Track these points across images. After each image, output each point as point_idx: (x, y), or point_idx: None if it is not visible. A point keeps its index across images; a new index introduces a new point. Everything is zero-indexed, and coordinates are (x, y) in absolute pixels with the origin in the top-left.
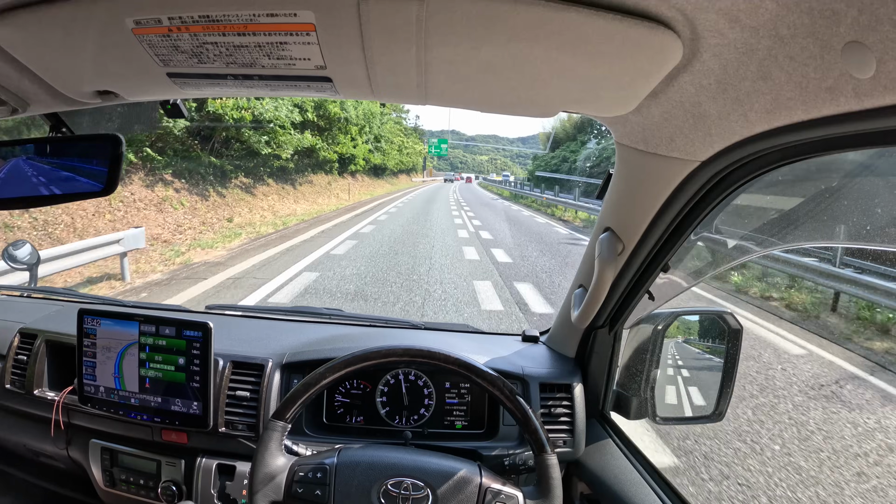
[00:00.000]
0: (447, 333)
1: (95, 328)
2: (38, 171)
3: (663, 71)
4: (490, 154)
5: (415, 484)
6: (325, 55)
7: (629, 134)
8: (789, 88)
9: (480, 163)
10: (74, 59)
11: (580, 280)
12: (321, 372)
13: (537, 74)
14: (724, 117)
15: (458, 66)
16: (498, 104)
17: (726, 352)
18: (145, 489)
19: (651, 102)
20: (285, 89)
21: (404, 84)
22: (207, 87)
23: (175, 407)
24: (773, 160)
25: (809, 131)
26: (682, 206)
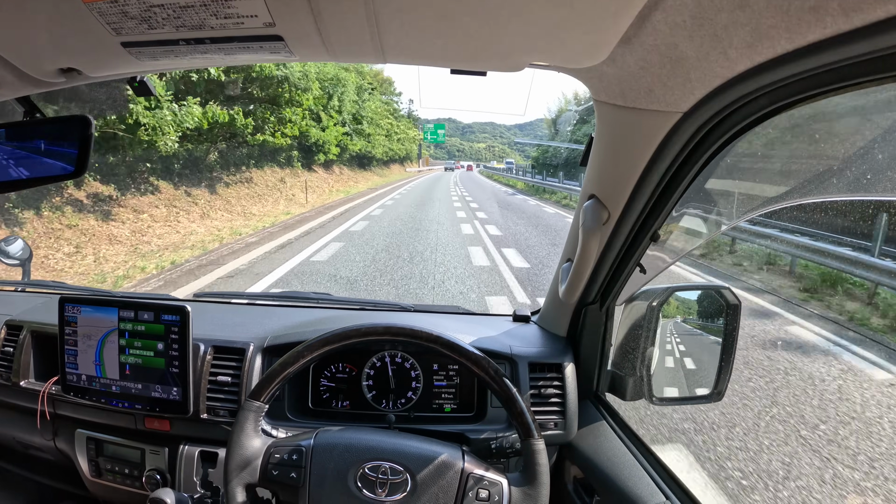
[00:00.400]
0: (436, 315)
1: (76, 316)
2: (8, 155)
3: (633, 9)
4: (487, 142)
5: (393, 468)
6: (271, 10)
7: (605, 88)
8: (770, 14)
9: (478, 150)
10: (33, 36)
11: (567, 254)
12: (300, 350)
13: (497, 20)
14: (703, 58)
15: (410, 14)
16: (460, 58)
17: (725, 328)
18: (130, 478)
19: (624, 49)
20: (239, 52)
21: (358, 39)
22: (163, 57)
23: (155, 393)
24: (760, 107)
25: (795, 63)
26: (667, 164)
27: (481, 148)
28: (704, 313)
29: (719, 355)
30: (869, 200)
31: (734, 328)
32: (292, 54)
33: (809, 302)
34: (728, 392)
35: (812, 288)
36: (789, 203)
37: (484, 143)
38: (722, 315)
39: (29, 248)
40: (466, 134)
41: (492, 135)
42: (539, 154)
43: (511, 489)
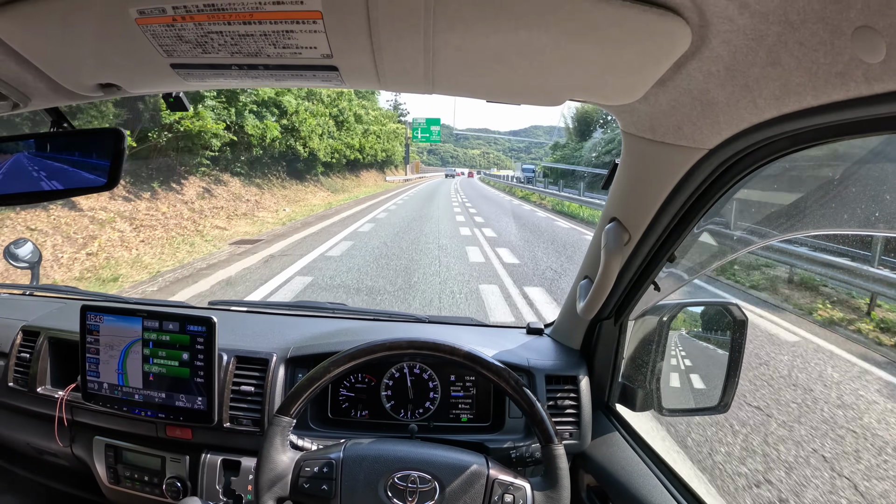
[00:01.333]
0: (451, 327)
1: (98, 325)
2: (40, 167)
3: (671, 58)
4: (482, 148)
5: (422, 477)
6: (331, 43)
7: (636, 123)
8: (799, 74)
9: (472, 157)
10: (76, 52)
11: (585, 271)
12: (325, 366)
13: (545, 62)
14: (733, 104)
15: (466, 53)
16: (505, 93)
17: (731, 343)
18: (150, 485)
19: (658, 90)
20: (291, 79)
21: (411, 72)
22: (212, 79)
23: (179, 402)
24: (782, 147)
25: (819, 117)
26: (689, 195)
27: (475, 154)
28: (712, 328)
29: (726, 369)
30: (876, 235)
31: (741, 343)
32: (343, 83)
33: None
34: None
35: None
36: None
37: (478, 149)
38: (729, 330)
39: (38, 250)
40: (460, 140)
41: (486, 141)
42: (558, 157)
43: (534, 493)
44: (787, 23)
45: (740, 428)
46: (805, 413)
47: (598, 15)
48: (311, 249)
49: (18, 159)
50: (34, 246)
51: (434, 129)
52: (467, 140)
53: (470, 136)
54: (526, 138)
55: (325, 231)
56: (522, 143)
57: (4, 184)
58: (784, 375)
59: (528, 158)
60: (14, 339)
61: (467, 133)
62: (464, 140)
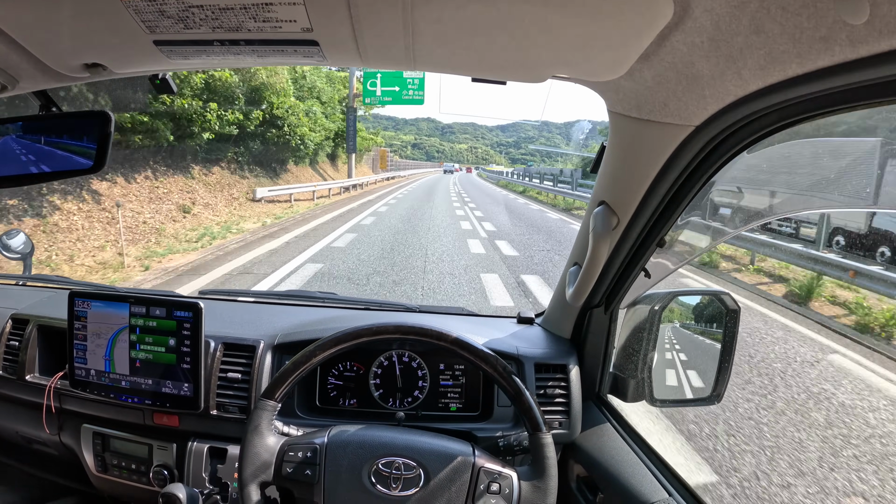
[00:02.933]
0: (441, 316)
1: (86, 311)
2: (28, 150)
3: (654, 30)
4: (469, 143)
5: (406, 464)
6: (311, 17)
7: (622, 101)
8: (783, 41)
9: (459, 151)
10: (61, 30)
11: (575, 258)
12: (311, 350)
13: (526, 34)
14: (718, 77)
15: (445, 26)
16: (488, 68)
17: (724, 332)
18: (137, 474)
19: (643, 65)
20: (272, 55)
21: (392, 47)
22: (195, 56)
23: (166, 389)
24: (770, 122)
25: (805, 86)
26: (677, 174)
27: (462, 149)
28: (705, 318)
29: (719, 359)
30: (867, 211)
31: (734, 332)
32: (325, 59)
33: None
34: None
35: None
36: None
37: (465, 143)
38: (722, 320)
39: (31, 242)
40: (447, 134)
41: (473, 136)
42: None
43: (521, 482)
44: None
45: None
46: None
47: None
48: None
49: (6, 142)
50: (26, 237)
51: (412, 89)
52: (454, 134)
53: (456, 130)
54: (514, 133)
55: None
56: (511, 139)
57: None
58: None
59: (517, 153)
60: (3, 327)
61: (454, 126)
62: (450, 134)
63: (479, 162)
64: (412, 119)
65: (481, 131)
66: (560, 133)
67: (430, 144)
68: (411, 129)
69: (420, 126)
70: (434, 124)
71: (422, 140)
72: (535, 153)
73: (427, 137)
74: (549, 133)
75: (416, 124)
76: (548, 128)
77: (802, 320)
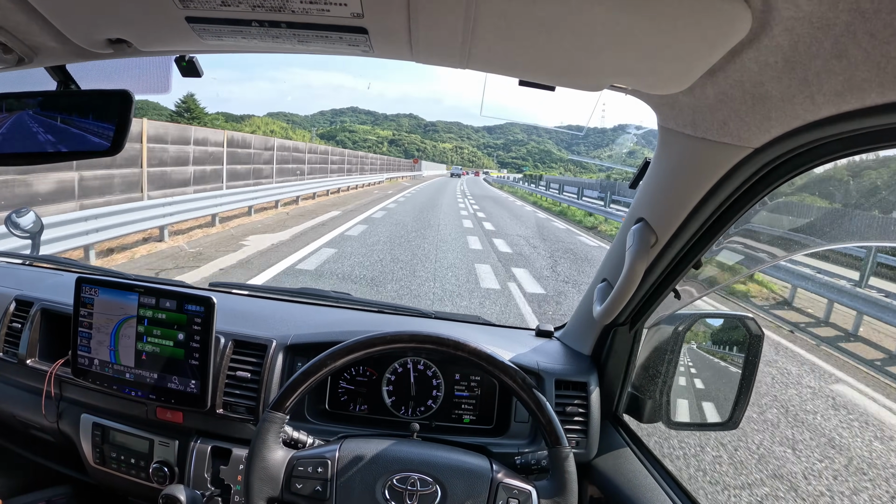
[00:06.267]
0: (457, 324)
1: (93, 298)
2: (44, 127)
3: (727, 45)
4: (454, 142)
5: (423, 479)
6: (363, 1)
7: (676, 116)
8: (866, 68)
9: (443, 151)
10: (89, 2)
11: (604, 274)
12: (322, 359)
13: (590, 39)
14: (788, 99)
15: (509, 22)
16: (542, 72)
17: (746, 357)
18: (136, 468)
19: (707, 81)
20: (315, 41)
21: (448, 40)
22: (229, 37)
23: (172, 384)
24: (834, 150)
25: (881, 117)
26: (725, 196)
27: (447, 149)
28: (727, 342)
29: (738, 384)
30: None
31: (755, 358)
32: (371, 50)
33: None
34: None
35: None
36: (839, 246)
37: (450, 143)
38: (744, 345)
39: (40, 220)
40: (429, 132)
41: (458, 135)
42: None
43: (540, 499)
44: (858, 11)
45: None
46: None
47: None
48: None
49: (21, 118)
50: (36, 216)
51: None
52: (437, 132)
53: (440, 129)
54: (503, 135)
55: None
56: (499, 140)
57: (4, 143)
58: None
59: (507, 157)
60: (7, 308)
61: (437, 125)
62: (434, 133)
63: (465, 164)
64: (393, 115)
65: (467, 131)
66: (550, 137)
67: (410, 142)
68: (391, 125)
69: (401, 122)
70: (416, 121)
71: (401, 136)
72: (528, 158)
73: (407, 134)
74: (539, 137)
75: (397, 119)
76: (537, 132)
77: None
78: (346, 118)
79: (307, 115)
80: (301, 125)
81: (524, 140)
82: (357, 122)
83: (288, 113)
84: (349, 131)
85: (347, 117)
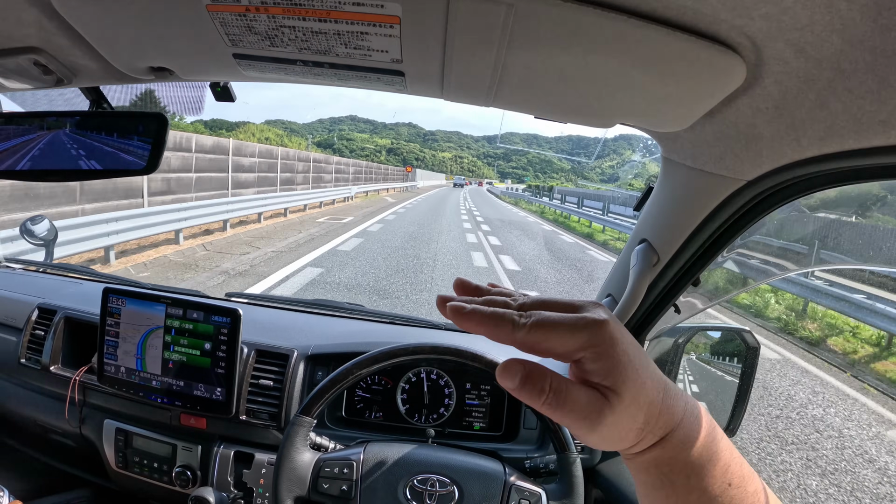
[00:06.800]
0: (469, 335)
1: (120, 308)
2: (80, 145)
3: (724, 92)
4: (454, 151)
5: (441, 480)
6: (403, 49)
7: (678, 150)
8: (844, 119)
9: (442, 160)
10: (136, 32)
11: (608, 289)
12: (349, 367)
13: (605, 85)
14: (777, 140)
15: (533, 72)
16: (558, 111)
17: (742, 369)
18: (159, 472)
19: (706, 121)
20: (354, 80)
21: (476, 85)
22: (272, 72)
23: (198, 392)
24: (818, 183)
25: (860, 159)
26: (721, 222)
27: (446, 158)
28: (724, 353)
29: (735, 394)
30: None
31: (752, 370)
32: (405, 88)
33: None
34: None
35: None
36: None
37: (450, 152)
38: (741, 356)
39: (55, 228)
40: (428, 141)
41: (458, 145)
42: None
43: (549, 501)
44: (838, 70)
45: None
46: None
47: (664, 47)
48: None
49: (57, 136)
50: (50, 223)
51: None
52: (436, 142)
53: (440, 138)
54: (502, 144)
55: None
56: (500, 150)
57: (41, 160)
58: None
59: (507, 167)
60: (29, 315)
61: (437, 135)
62: (433, 142)
63: (464, 173)
64: (392, 123)
65: (466, 141)
66: (551, 147)
67: (409, 150)
68: (390, 133)
69: (399, 130)
70: (415, 130)
71: (399, 145)
72: (529, 168)
73: (406, 143)
74: (540, 147)
75: (396, 128)
76: (537, 141)
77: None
78: (344, 126)
79: (305, 123)
80: (299, 133)
81: (524, 150)
82: (356, 131)
83: (286, 121)
84: (347, 139)
85: (346, 125)
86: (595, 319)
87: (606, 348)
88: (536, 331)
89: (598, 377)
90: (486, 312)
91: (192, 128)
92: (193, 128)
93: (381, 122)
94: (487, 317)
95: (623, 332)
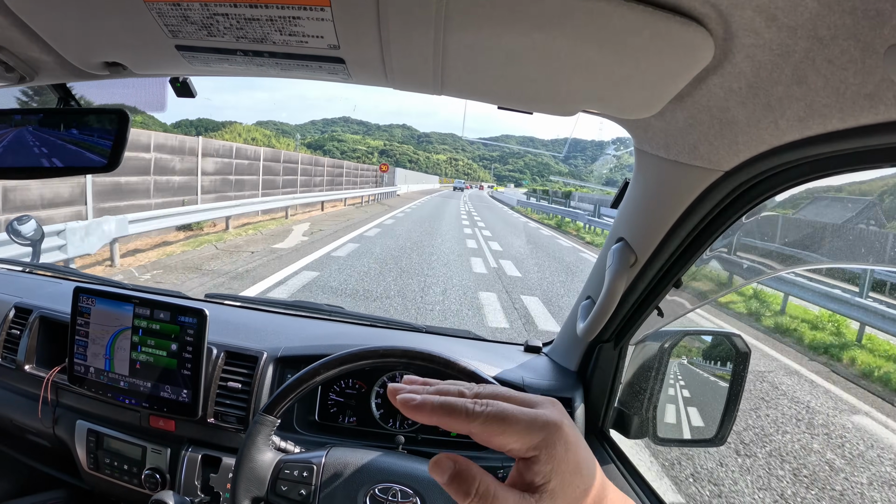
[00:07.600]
0: (448, 339)
1: (90, 307)
2: (42, 142)
3: (692, 71)
4: (448, 154)
5: (403, 491)
6: (339, 34)
7: (650, 140)
8: (825, 94)
9: (437, 163)
10: (83, 27)
11: (588, 291)
12: (315, 368)
13: (559, 68)
14: (753, 124)
15: (478, 53)
16: (516, 98)
17: (733, 375)
18: (129, 475)
19: (676, 106)
20: (296, 69)
21: (420, 70)
22: (216, 64)
23: (164, 393)
24: (803, 173)
25: (844, 142)
26: (700, 217)
27: (441, 160)
28: (714, 359)
29: (725, 401)
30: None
31: (742, 376)
32: (350, 77)
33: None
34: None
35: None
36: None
37: (444, 154)
38: (731, 362)
39: (41, 228)
40: (423, 143)
41: (452, 147)
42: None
43: None
44: (816, 38)
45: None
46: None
47: (617, 21)
48: None
49: (21, 133)
50: (37, 224)
51: None
52: (431, 144)
53: (434, 140)
54: (497, 147)
55: None
56: (494, 153)
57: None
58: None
59: (503, 169)
60: (6, 314)
61: (431, 137)
62: (427, 143)
63: (459, 176)
64: (385, 125)
65: (462, 143)
66: (546, 149)
67: (402, 153)
68: (383, 135)
69: (393, 132)
70: (409, 131)
71: (392, 147)
72: (526, 171)
73: (399, 144)
74: (536, 149)
75: (390, 130)
76: (533, 143)
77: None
78: (337, 128)
79: (298, 125)
80: (290, 134)
81: (520, 153)
82: (349, 132)
83: (278, 122)
84: (338, 140)
85: (339, 127)
86: (552, 421)
87: (560, 452)
88: (493, 423)
89: (541, 478)
90: (436, 402)
91: (163, 127)
92: (161, 127)
93: (374, 123)
94: (438, 407)
95: (577, 436)
